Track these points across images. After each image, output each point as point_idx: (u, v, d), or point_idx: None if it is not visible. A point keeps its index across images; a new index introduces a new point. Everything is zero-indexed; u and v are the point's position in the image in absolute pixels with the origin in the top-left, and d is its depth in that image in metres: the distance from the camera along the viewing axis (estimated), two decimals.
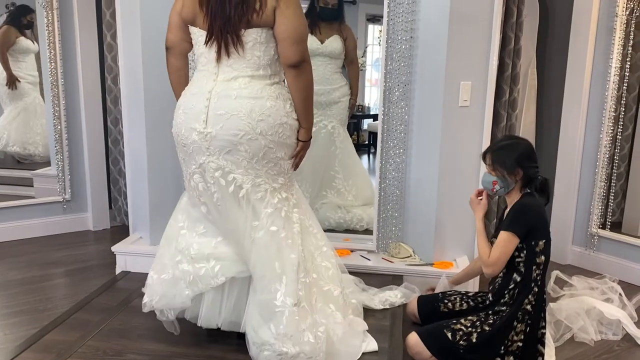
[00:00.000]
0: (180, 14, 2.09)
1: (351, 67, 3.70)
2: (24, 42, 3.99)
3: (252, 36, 1.97)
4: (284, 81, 2.10)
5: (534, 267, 2.17)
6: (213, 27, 1.97)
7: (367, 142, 4.63)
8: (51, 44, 3.67)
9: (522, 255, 2.19)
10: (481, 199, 2.42)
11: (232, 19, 1.94)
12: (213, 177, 2.04)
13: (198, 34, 2.05)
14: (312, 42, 3.46)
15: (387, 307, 2.55)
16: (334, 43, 3.51)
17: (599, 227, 3.38)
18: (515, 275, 2.21)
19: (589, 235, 3.41)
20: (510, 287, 2.22)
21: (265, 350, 2.01)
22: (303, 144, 2.13)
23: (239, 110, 1.96)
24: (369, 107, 4.54)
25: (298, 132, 2.11)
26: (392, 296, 2.61)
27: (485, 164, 2.31)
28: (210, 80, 2.03)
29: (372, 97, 4.59)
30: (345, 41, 3.56)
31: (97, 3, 3.74)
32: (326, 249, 2.28)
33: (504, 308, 2.21)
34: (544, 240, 2.18)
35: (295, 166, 2.17)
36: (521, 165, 2.20)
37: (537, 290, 2.18)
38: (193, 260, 2.16)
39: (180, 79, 2.22)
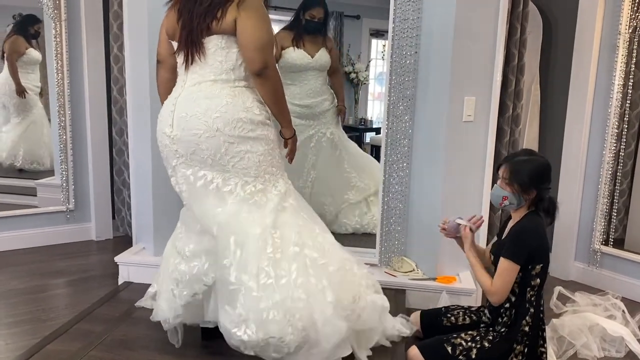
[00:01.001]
0: (165, 27, 2.24)
1: (336, 75, 3.79)
2: (32, 52, 4.03)
3: (213, 42, 2.09)
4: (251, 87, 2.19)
5: (528, 289, 2.15)
6: (182, 36, 2.12)
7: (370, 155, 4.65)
8: (58, 55, 3.70)
9: (518, 277, 2.17)
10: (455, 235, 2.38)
11: (195, 28, 2.07)
12: (184, 176, 2.16)
13: (176, 44, 2.19)
14: (303, 57, 3.56)
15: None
16: (323, 57, 3.59)
17: (601, 244, 3.38)
18: (510, 296, 2.19)
19: (591, 252, 3.41)
20: (506, 306, 2.20)
21: (230, 339, 2.00)
22: (290, 140, 2.27)
23: (196, 110, 2.07)
24: (371, 121, 4.57)
25: (281, 134, 2.24)
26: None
27: (500, 176, 2.24)
28: (179, 87, 2.16)
29: (374, 111, 4.62)
30: (330, 52, 3.64)
31: (104, 15, 3.78)
32: (319, 231, 2.22)
33: (503, 329, 2.19)
34: (541, 265, 2.14)
35: (290, 160, 2.30)
36: (537, 185, 2.16)
37: (533, 311, 2.15)
38: (188, 259, 2.22)
39: (167, 90, 2.29)
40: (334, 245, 2.24)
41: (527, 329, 2.14)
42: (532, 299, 2.15)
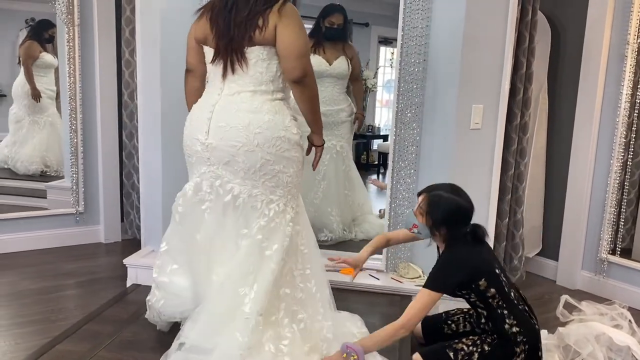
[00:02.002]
0: (195, 35, 2.22)
1: (356, 84, 3.80)
2: (46, 57, 4.09)
3: (254, 53, 2.08)
4: (287, 98, 2.21)
5: (490, 301, 2.17)
6: (219, 45, 2.11)
7: (376, 162, 4.67)
8: (71, 59, 3.75)
9: (472, 296, 2.20)
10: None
11: (236, 37, 2.06)
12: (212, 186, 2.15)
13: (209, 52, 2.18)
14: (320, 63, 3.55)
15: None
16: (342, 64, 3.58)
17: (608, 253, 3.38)
18: (480, 310, 2.24)
19: (598, 261, 3.41)
20: (482, 321, 2.25)
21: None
22: (319, 147, 2.30)
23: (237, 122, 2.07)
24: (379, 128, 4.59)
25: (311, 141, 2.26)
26: None
27: (418, 203, 2.24)
28: (215, 95, 2.15)
29: (382, 118, 4.64)
30: (351, 60, 3.64)
31: (117, 20, 3.83)
32: (309, 272, 2.25)
33: (495, 335, 2.22)
34: (483, 278, 2.15)
35: (314, 167, 2.32)
36: (447, 226, 2.16)
37: (507, 312, 2.17)
38: (154, 282, 2.35)
39: (196, 98, 2.30)
40: (308, 292, 2.24)
41: (515, 329, 2.16)
42: (500, 303, 2.17)
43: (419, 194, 2.25)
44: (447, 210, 2.15)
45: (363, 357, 2.07)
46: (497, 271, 2.20)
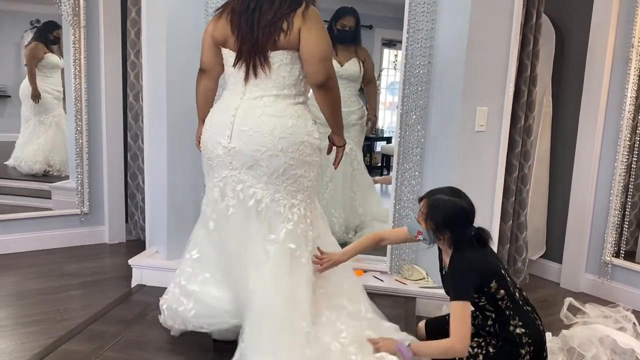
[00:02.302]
0: (212, 36, 2.18)
1: (370, 86, 3.80)
2: (51, 57, 4.11)
3: (278, 57, 2.06)
4: (307, 101, 2.19)
5: (499, 303, 2.17)
6: (242, 49, 2.07)
7: (380, 164, 4.67)
8: (77, 61, 3.77)
9: (483, 299, 2.19)
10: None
11: (260, 41, 2.03)
12: (234, 191, 2.12)
13: (228, 55, 2.15)
14: None
15: None
16: (353, 66, 3.58)
17: (612, 256, 3.38)
18: (487, 313, 2.23)
19: (602, 264, 3.41)
20: (489, 323, 2.24)
21: None
22: (340, 148, 2.30)
23: (262, 127, 2.05)
24: (382, 130, 4.59)
25: (332, 141, 2.26)
26: None
27: (419, 209, 2.22)
28: (237, 99, 2.12)
29: (385, 120, 4.64)
30: (364, 63, 3.64)
31: (122, 22, 3.85)
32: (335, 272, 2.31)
33: (500, 337, 2.21)
34: (494, 280, 2.14)
35: (336, 166, 2.32)
36: (450, 228, 2.14)
37: (512, 313, 2.17)
38: (181, 289, 2.28)
39: (208, 99, 2.31)
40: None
41: (519, 330, 2.16)
42: (508, 304, 2.17)
43: (420, 200, 2.24)
44: (447, 213, 2.13)
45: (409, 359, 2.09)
46: (503, 272, 2.21)
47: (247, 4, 2.06)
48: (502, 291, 2.16)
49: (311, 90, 2.16)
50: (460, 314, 2.07)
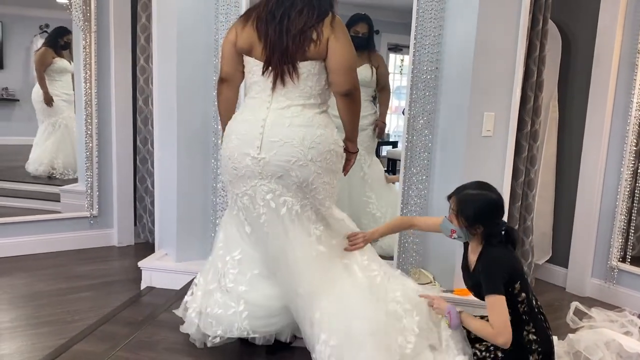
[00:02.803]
0: (234, 44, 2.18)
1: (383, 93, 3.82)
2: (60, 62, 4.15)
3: (307, 67, 2.10)
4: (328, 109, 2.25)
5: (518, 306, 2.17)
6: (271, 57, 2.08)
7: (386, 169, 4.69)
8: (87, 65, 3.81)
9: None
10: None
11: (290, 50, 2.05)
12: (264, 200, 2.14)
13: (253, 64, 2.16)
14: None
15: None
16: (365, 71, 3.61)
17: (619, 261, 3.38)
18: None
19: (608, 268, 3.42)
20: None
21: None
22: (353, 154, 2.37)
23: (292, 137, 2.08)
24: (388, 134, 4.61)
25: (346, 147, 2.28)
26: None
27: (450, 207, 2.24)
28: (264, 108, 2.13)
29: (391, 124, 4.67)
30: (377, 69, 3.67)
31: (132, 27, 3.90)
32: (366, 262, 2.37)
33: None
34: (519, 281, 2.16)
35: (346, 172, 2.36)
36: (482, 221, 2.15)
37: (527, 318, 2.18)
38: (228, 293, 2.24)
39: (230, 107, 2.33)
40: None
41: (532, 336, 2.17)
42: (525, 309, 2.18)
43: (449, 198, 2.25)
44: (478, 207, 2.14)
45: (455, 325, 2.15)
46: (525, 276, 2.22)
47: (274, 12, 2.08)
48: (523, 294, 2.17)
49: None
50: (497, 307, 2.07)
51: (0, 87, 4.14)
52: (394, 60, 4.63)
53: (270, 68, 2.10)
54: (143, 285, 3.14)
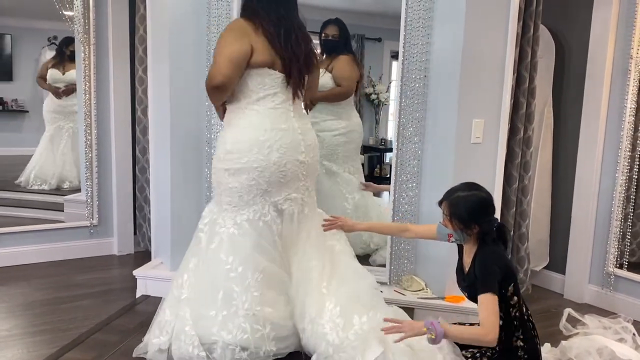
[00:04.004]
0: (249, 54, 2.27)
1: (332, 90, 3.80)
2: (51, 72, 4.20)
3: (306, 80, 2.46)
4: None
5: (510, 309, 2.18)
6: (292, 71, 2.32)
7: (389, 176, 4.69)
8: (86, 77, 3.88)
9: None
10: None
11: (305, 65, 2.37)
12: (301, 200, 2.44)
13: (274, 76, 2.32)
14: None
15: None
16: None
17: (616, 267, 3.36)
18: None
19: (605, 275, 3.40)
20: None
21: None
22: None
23: (315, 140, 2.48)
24: (391, 141, 4.62)
25: None
26: None
27: (442, 212, 2.26)
28: (290, 117, 2.37)
29: (395, 132, 4.67)
30: (332, 71, 3.66)
31: (130, 39, 3.96)
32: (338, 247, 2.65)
33: (497, 347, 2.20)
34: (512, 284, 2.16)
35: None
36: (477, 221, 2.17)
37: (517, 324, 2.18)
38: (253, 317, 2.25)
39: (224, 108, 2.48)
40: None
41: (520, 342, 2.17)
42: (517, 314, 2.18)
43: (440, 203, 2.27)
44: (470, 207, 2.17)
45: (440, 339, 2.02)
46: (517, 281, 2.23)
47: (286, 30, 2.30)
48: (515, 298, 2.18)
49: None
50: (488, 305, 2.07)
51: (10, 98, 4.21)
52: (396, 68, 4.63)
53: (291, 81, 2.34)
54: (138, 294, 3.18)
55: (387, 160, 4.72)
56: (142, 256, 3.96)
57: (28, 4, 4.11)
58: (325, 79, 3.64)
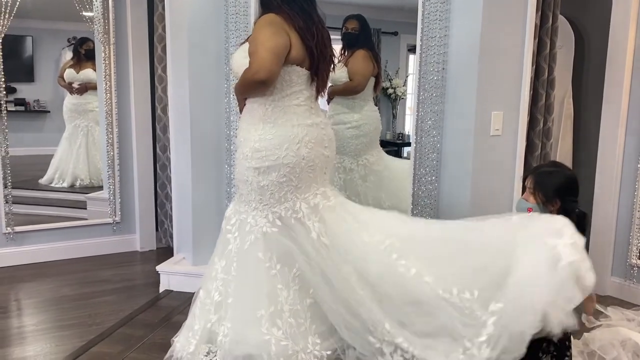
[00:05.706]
0: (286, 48, 2.22)
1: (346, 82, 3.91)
2: (68, 72, 4.27)
3: None
4: None
5: None
6: (319, 71, 2.36)
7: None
8: (107, 76, 3.94)
9: None
10: None
11: (328, 65, 2.42)
12: (324, 192, 2.43)
13: (302, 73, 2.31)
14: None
15: None
16: (340, 73, 3.70)
17: (638, 259, 3.32)
18: None
19: (628, 266, 3.36)
20: None
21: None
22: None
23: (333, 134, 2.49)
24: (409, 135, 4.62)
25: None
26: None
27: (526, 186, 2.29)
28: (313, 113, 2.40)
29: (412, 125, 4.66)
30: (348, 66, 3.75)
31: (149, 38, 4.01)
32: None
33: None
34: None
35: None
36: (560, 197, 2.18)
37: None
38: (297, 312, 2.25)
39: (244, 102, 2.46)
40: None
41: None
42: None
43: (524, 179, 2.32)
44: (555, 182, 2.20)
45: None
46: None
47: (313, 31, 2.29)
48: None
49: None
50: None
51: (31, 99, 4.29)
52: (413, 61, 4.63)
53: (317, 80, 2.38)
54: (162, 289, 3.23)
55: (405, 155, 4.72)
56: (164, 252, 4.01)
57: (48, 6, 4.17)
58: (342, 73, 3.68)
